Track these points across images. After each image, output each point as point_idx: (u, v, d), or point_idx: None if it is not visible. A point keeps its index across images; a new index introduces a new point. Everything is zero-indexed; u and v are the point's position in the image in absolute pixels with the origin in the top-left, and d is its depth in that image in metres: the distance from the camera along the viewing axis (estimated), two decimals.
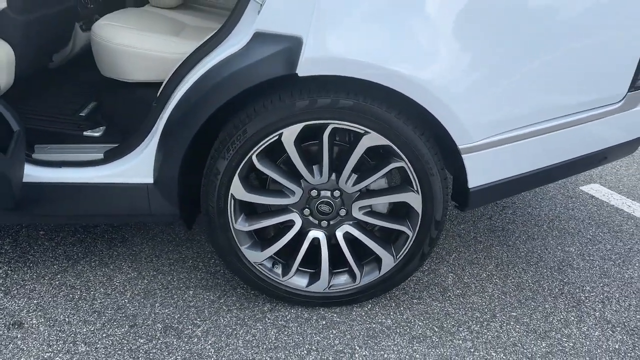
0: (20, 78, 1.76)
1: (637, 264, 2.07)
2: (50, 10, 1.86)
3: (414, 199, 1.60)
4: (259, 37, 1.43)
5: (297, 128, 1.50)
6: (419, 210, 1.61)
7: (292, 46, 1.40)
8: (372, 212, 1.68)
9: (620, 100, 1.61)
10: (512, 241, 2.21)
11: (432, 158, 1.54)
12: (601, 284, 1.95)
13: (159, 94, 1.61)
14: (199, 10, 2.28)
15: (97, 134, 1.81)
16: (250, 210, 1.70)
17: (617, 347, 1.67)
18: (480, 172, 1.58)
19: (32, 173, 1.64)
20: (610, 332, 1.73)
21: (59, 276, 1.93)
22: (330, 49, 1.39)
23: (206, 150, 1.63)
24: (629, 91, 1.59)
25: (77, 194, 1.67)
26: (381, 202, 1.66)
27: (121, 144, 1.68)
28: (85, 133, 1.80)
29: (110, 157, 1.67)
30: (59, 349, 1.61)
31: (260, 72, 1.43)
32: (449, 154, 1.60)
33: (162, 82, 1.69)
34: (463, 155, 1.54)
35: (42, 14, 1.78)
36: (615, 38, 1.50)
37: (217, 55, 1.48)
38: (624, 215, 2.41)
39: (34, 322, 1.71)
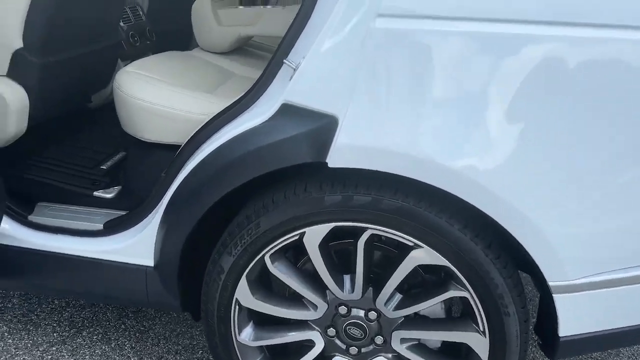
0: (36, 124, 1.57)
1: None
2: (83, 49, 1.67)
3: (478, 342, 1.15)
4: (287, 110, 1.10)
5: (324, 229, 1.14)
6: (484, 359, 1.16)
7: (323, 127, 1.05)
8: (419, 347, 1.25)
9: None
10: None
11: (509, 292, 1.10)
12: None
13: (170, 164, 1.32)
14: (255, 57, 2.02)
15: (108, 196, 1.56)
16: (261, 319, 1.34)
17: None
18: (575, 318, 1.11)
19: (25, 237, 1.42)
20: None
21: (54, 349, 1.69)
22: (373, 136, 1.03)
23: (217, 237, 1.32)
24: None
25: (70, 267, 1.42)
26: (432, 338, 1.23)
27: (124, 215, 1.42)
28: (95, 193, 1.57)
29: (110, 229, 1.41)
30: None
31: (282, 156, 1.10)
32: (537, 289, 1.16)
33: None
34: (554, 295, 1.08)
35: (71, 55, 1.59)
36: None
37: (237, 125, 1.17)
38: None
39: None
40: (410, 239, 1.10)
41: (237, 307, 1.26)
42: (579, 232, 1.05)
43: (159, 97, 1.46)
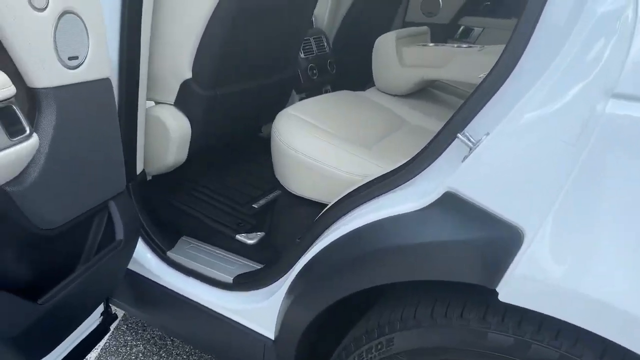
0: (195, 153, 1.52)
1: None
2: (254, 82, 1.59)
3: None
4: (450, 202, 0.80)
5: None
6: None
7: (499, 241, 0.72)
8: None
9: None
10: None
11: None
12: None
13: (307, 229, 1.13)
14: (437, 101, 1.73)
15: (249, 242, 1.44)
16: None
17: None
18: None
19: (160, 274, 1.37)
20: None
21: None
22: (576, 273, 0.66)
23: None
24: None
25: (193, 314, 1.32)
26: None
27: (255, 273, 1.27)
28: (237, 237, 1.45)
29: (238, 285, 1.27)
30: None
31: (432, 265, 0.80)
32: None
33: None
34: None
35: (240, 87, 1.52)
36: None
37: (383, 206, 0.91)
38: None
39: None
40: None
41: None
42: None
43: (310, 149, 1.28)
